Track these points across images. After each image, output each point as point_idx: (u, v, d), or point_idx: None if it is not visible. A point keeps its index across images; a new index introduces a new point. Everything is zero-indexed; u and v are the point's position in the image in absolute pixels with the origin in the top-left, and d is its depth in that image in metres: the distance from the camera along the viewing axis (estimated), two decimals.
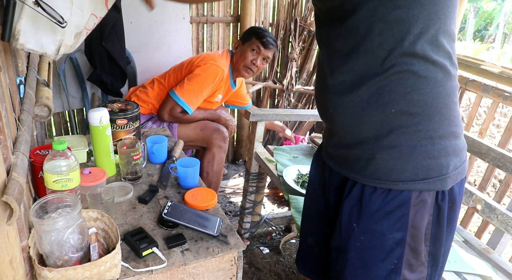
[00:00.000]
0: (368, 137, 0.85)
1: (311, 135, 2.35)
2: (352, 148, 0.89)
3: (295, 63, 3.03)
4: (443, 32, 0.78)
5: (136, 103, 1.56)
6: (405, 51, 0.76)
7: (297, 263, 1.24)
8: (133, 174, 1.36)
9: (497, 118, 3.89)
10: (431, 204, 0.87)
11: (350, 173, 0.91)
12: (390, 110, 0.80)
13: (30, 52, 0.86)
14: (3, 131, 0.73)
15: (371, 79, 0.80)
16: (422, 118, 0.80)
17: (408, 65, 0.77)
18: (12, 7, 0.77)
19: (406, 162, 0.83)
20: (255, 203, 2.27)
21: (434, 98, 0.79)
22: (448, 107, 0.82)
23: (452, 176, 0.85)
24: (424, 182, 0.83)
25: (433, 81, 0.79)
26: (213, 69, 2.11)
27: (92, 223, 1.04)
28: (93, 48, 2.20)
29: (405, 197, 0.85)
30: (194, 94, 2.11)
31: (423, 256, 0.91)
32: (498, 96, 1.97)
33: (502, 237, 1.71)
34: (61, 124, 2.61)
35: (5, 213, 0.66)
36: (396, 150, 0.82)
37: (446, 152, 0.83)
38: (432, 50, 0.77)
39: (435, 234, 0.90)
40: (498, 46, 8.34)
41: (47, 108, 1.08)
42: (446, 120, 0.82)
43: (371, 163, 0.86)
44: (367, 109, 0.82)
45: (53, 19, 0.79)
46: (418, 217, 0.86)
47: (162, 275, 1.00)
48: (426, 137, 0.81)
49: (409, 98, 0.79)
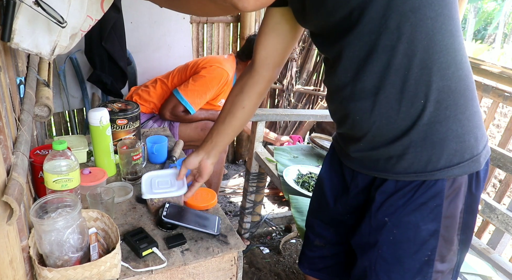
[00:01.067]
0: (400, 134, 0.84)
1: (311, 136, 2.34)
2: (383, 148, 0.87)
3: (295, 63, 3.03)
4: (455, 19, 0.79)
5: (136, 103, 1.56)
6: (425, 40, 0.76)
7: (301, 264, 1.23)
8: (133, 174, 1.36)
9: (497, 118, 3.89)
10: (464, 191, 0.88)
11: (381, 173, 0.91)
12: (419, 102, 0.80)
13: (25, 51, 0.86)
14: (3, 131, 0.73)
15: (394, 76, 0.79)
16: (449, 103, 0.81)
17: (429, 54, 0.77)
18: (12, 7, 0.77)
19: (440, 150, 0.83)
20: (255, 203, 2.27)
21: (457, 81, 0.81)
22: (469, 88, 0.84)
23: (483, 155, 0.87)
24: (459, 166, 0.84)
25: (454, 66, 0.80)
26: (219, 71, 2.13)
27: (92, 223, 1.04)
28: (93, 48, 2.20)
29: (439, 187, 0.85)
30: (197, 94, 2.12)
31: (455, 245, 0.92)
32: (498, 96, 1.97)
33: (502, 237, 1.71)
34: (61, 124, 2.61)
35: (5, 213, 0.66)
36: (428, 141, 0.83)
37: (474, 132, 0.85)
38: (449, 34, 0.78)
39: (466, 222, 0.91)
40: (498, 46, 8.34)
41: (47, 108, 1.08)
42: (470, 101, 0.84)
43: (403, 159, 0.86)
44: (396, 107, 0.81)
45: (53, 19, 0.79)
46: (452, 207, 0.87)
47: (162, 275, 1.00)
48: (455, 121, 0.82)
49: (435, 87, 0.79)
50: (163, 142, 1.52)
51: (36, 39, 0.84)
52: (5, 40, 0.79)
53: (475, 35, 9.55)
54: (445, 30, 0.77)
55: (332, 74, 0.89)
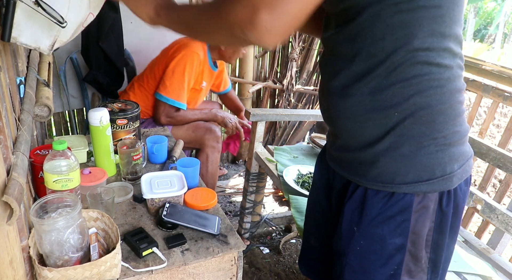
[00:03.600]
0: (371, 141, 0.84)
1: (311, 136, 2.34)
2: (355, 152, 0.88)
3: (295, 63, 3.03)
4: (449, 35, 0.77)
5: (136, 103, 1.56)
6: (408, 56, 0.76)
7: (300, 264, 1.23)
8: (133, 174, 1.36)
9: (497, 118, 3.89)
10: (434, 209, 0.86)
11: (353, 176, 0.90)
12: (393, 114, 0.80)
13: (23, 46, 0.85)
14: (3, 131, 0.73)
15: (373, 83, 0.80)
16: (425, 120, 0.80)
17: (411, 69, 0.77)
18: (12, 7, 0.77)
19: (409, 163, 0.82)
20: (255, 203, 2.27)
21: (438, 99, 0.79)
22: (453, 107, 0.81)
23: (457, 174, 0.85)
24: (428, 182, 0.82)
25: (436, 83, 0.78)
26: (188, 57, 2.02)
27: (92, 223, 1.04)
28: (90, 48, 2.19)
29: (407, 202, 0.84)
30: (179, 88, 2.03)
31: (423, 262, 0.90)
32: (498, 96, 1.97)
33: (502, 237, 1.71)
34: (61, 124, 2.61)
35: (5, 213, 0.66)
36: (399, 153, 0.82)
37: (450, 151, 0.83)
38: (437, 54, 0.77)
39: (436, 241, 0.89)
40: (498, 46, 8.33)
41: (47, 108, 1.08)
42: (451, 121, 0.81)
43: (374, 167, 0.85)
44: (370, 113, 0.82)
45: (53, 19, 0.79)
46: (420, 223, 0.86)
47: (162, 275, 1.00)
48: (430, 138, 0.81)
49: (412, 101, 0.78)
50: (163, 142, 1.52)
51: (35, 34, 0.83)
52: (5, 40, 0.79)
53: (475, 35, 9.55)
54: (430, 50, 0.76)
55: (324, 66, 0.91)
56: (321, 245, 1.13)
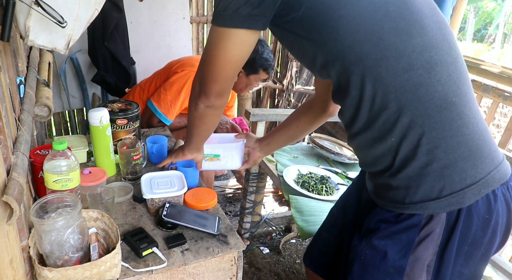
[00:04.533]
0: (383, 169, 0.89)
1: (311, 136, 2.34)
2: (374, 178, 0.95)
3: (295, 63, 3.03)
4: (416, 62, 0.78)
5: (136, 103, 1.56)
6: (381, 84, 0.80)
7: (305, 256, 1.28)
8: (133, 174, 1.36)
9: (497, 118, 3.89)
10: (439, 234, 0.84)
11: (375, 197, 0.95)
12: (390, 139, 0.83)
13: (41, 48, 0.88)
14: (3, 131, 0.73)
15: (365, 119, 0.86)
16: (418, 139, 0.81)
17: (387, 96, 0.81)
18: (12, 7, 0.77)
19: (416, 184, 0.84)
20: (255, 203, 2.27)
21: (422, 115, 0.80)
22: (444, 120, 0.79)
23: (472, 189, 0.81)
24: (436, 201, 0.82)
25: (416, 101, 0.80)
26: (189, 77, 1.98)
27: (92, 223, 1.04)
28: (96, 48, 2.19)
29: (413, 222, 0.85)
30: (171, 104, 1.98)
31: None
32: (498, 96, 1.97)
33: None
34: (61, 124, 2.61)
35: (5, 213, 0.66)
36: (405, 175, 0.84)
37: (457, 165, 0.80)
38: (408, 76, 0.79)
39: (437, 268, 0.88)
40: (498, 46, 8.33)
41: (47, 108, 1.08)
42: (447, 133, 0.80)
43: (389, 191, 0.89)
44: (375, 144, 0.87)
45: (53, 19, 0.79)
46: (422, 246, 0.85)
47: (162, 275, 1.00)
48: (429, 156, 0.81)
49: (400, 124, 0.82)
50: (163, 142, 1.52)
51: (50, 35, 0.85)
52: (4, 40, 0.79)
53: (475, 35, 9.55)
54: (398, 72, 0.78)
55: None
56: (332, 240, 1.17)
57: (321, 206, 1.65)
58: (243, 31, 0.82)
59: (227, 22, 0.81)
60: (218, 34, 0.84)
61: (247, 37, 0.84)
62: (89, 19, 0.90)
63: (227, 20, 0.81)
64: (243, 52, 0.87)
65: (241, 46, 0.85)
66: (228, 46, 0.84)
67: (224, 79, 0.91)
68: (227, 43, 0.84)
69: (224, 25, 0.82)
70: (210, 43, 0.87)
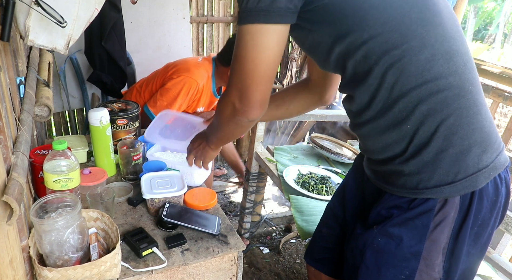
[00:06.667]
0: (393, 156, 0.88)
1: (311, 135, 2.34)
2: (382, 165, 0.93)
3: (295, 63, 3.03)
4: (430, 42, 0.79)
5: (136, 103, 1.56)
6: (398, 70, 0.80)
7: (306, 254, 1.27)
8: (133, 174, 1.36)
9: (497, 118, 3.89)
10: (453, 218, 0.86)
11: (383, 184, 0.94)
12: (406, 127, 0.83)
13: (41, 48, 0.88)
14: (3, 131, 0.73)
15: (380, 106, 0.84)
16: (436, 125, 0.81)
17: (407, 83, 0.80)
18: (12, 7, 0.77)
19: (431, 169, 0.84)
20: (255, 203, 2.27)
21: (442, 103, 0.80)
22: (462, 107, 0.82)
23: (484, 173, 0.84)
24: (451, 185, 0.83)
25: (436, 89, 0.80)
26: (186, 83, 1.99)
27: (92, 223, 1.04)
28: (93, 48, 2.20)
29: (428, 207, 0.86)
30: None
31: (437, 271, 0.90)
32: (498, 96, 1.97)
33: (502, 237, 1.71)
34: (61, 124, 2.61)
35: (5, 213, 0.66)
36: (420, 161, 0.84)
37: (471, 151, 0.83)
38: (429, 64, 0.79)
39: (451, 250, 0.89)
40: (498, 46, 8.34)
41: (47, 108, 1.08)
42: (464, 120, 0.82)
43: (400, 177, 0.88)
44: (387, 132, 0.86)
45: (53, 19, 0.79)
46: (438, 231, 0.86)
47: (162, 275, 1.00)
48: (446, 142, 0.82)
49: (418, 112, 0.81)
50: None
51: (50, 35, 0.86)
52: (4, 40, 0.79)
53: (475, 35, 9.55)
54: (421, 62, 0.79)
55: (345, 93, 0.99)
56: (332, 234, 1.16)
57: (321, 206, 1.65)
58: (281, 27, 0.76)
59: (264, 17, 0.74)
60: (254, 33, 0.76)
61: (285, 31, 0.78)
62: (89, 19, 0.90)
63: (265, 16, 0.74)
64: (282, 49, 0.80)
65: (280, 42, 0.78)
66: (268, 44, 0.77)
67: (268, 84, 0.83)
68: (266, 42, 0.76)
69: (261, 21, 0.75)
70: (245, 47, 0.78)
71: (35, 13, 0.80)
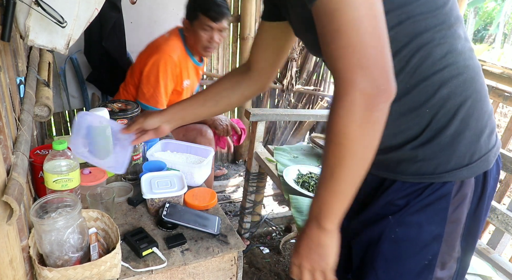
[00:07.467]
0: (409, 140, 0.86)
1: (311, 135, 2.35)
2: (392, 152, 0.89)
3: (295, 63, 3.03)
4: (454, 22, 0.80)
5: (136, 103, 1.56)
6: (424, 56, 0.79)
7: None
8: (133, 174, 1.36)
9: (497, 118, 3.89)
10: (470, 197, 0.88)
11: (390, 173, 0.91)
12: (424, 111, 0.82)
13: (41, 48, 0.88)
14: (3, 131, 0.73)
15: (399, 89, 0.76)
16: (455, 109, 0.82)
17: (430, 67, 0.79)
18: (12, 7, 0.77)
19: (449, 153, 0.84)
20: (255, 203, 2.27)
21: (461, 87, 0.81)
22: (477, 90, 0.84)
23: (493, 152, 0.88)
24: (468, 167, 0.85)
25: (456, 71, 0.81)
26: (160, 62, 1.97)
27: (92, 223, 1.04)
28: (93, 48, 2.20)
29: (446, 190, 0.86)
30: (155, 94, 2.00)
31: (456, 251, 0.92)
32: (498, 96, 1.97)
33: (502, 237, 1.71)
34: (61, 124, 2.61)
35: (5, 213, 0.66)
36: (437, 145, 0.84)
37: (484, 132, 0.86)
38: (449, 44, 0.79)
39: (469, 228, 0.91)
40: (498, 46, 8.34)
41: (47, 108, 1.08)
42: (478, 103, 0.84)
43: (413, 162, 0.87)
44: (402, 117, 0.84)
45: (53, 19, 0.79)
46: (458, 212, 0.87)
47: (162, 275, 1.00)
48: (463, 125, 0.83)
49: (439, 95, 0.81)
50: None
51: (50, 35, 0.86)
52: (5, 40, 0.79)
53: (475, 35, 9.55)
54: (442, 43, 0.79)
55: None
56: None
57: None
58: None
59: None
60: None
61: None
62: (89, 19, 0.90)
63: None
64: None
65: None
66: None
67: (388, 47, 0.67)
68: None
69: None
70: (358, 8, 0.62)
71: (35, 13, 0.80)
